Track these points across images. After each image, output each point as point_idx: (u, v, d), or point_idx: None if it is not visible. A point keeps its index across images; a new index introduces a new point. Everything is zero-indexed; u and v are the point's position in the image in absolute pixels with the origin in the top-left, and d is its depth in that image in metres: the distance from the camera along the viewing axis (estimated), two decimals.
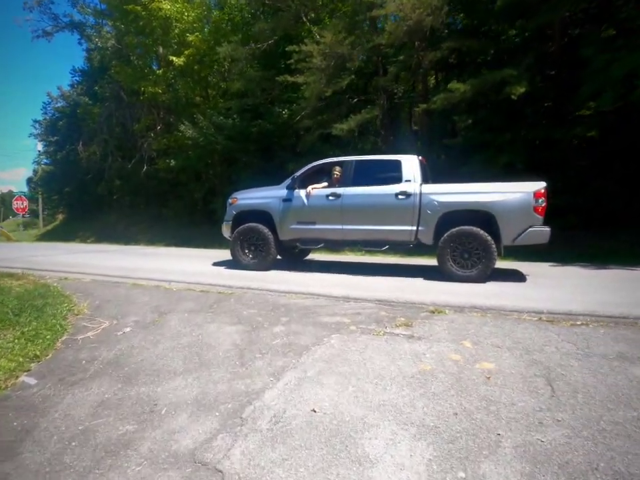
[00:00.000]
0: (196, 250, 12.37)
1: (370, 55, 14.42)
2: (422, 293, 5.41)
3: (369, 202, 6.69)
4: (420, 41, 13.00)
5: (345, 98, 14.97)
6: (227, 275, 6.87)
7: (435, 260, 6.54)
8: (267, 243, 7.23)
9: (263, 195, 7.50)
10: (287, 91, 16.00)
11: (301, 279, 6.60)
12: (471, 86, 10.02)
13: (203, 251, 11.85)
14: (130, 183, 23.48)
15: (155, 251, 12.05)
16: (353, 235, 6.88)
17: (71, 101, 26.15)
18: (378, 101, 13.81)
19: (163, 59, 19.85)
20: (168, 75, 19.44)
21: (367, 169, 7.00)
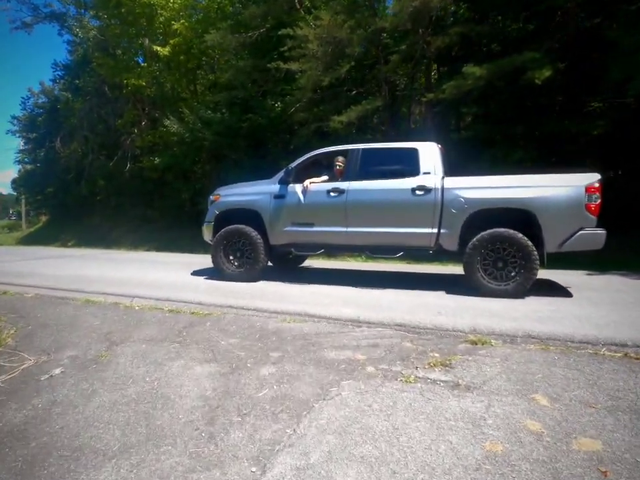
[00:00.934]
0: (179, 255, 11.11)
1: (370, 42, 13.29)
2: (452, 314, 4.23)
3: (379, 199, 5.52)
4: (425, 28, 11.90)
5: (342, 90, 13.83)
6: (205, 288, 5.65)
7: (455, 267, 5.38)
8: (256, 249, 6.02)
9: (250, 190, 6.29)
10: (280, 83, 14.83)
11: (297, 292, 5.40)
12: (487, 71, 8.90)
13: (187, 257, 10.60)
14: (114, 182, 22.14)
15: (132, 256, 10.78)
16: (360, 239, 5.70)
17: (52, 96, 24.76)
18: (379, 92, 12.66)
19: (147, 50, 18.58)
20: (153, 67, 18.18)
21: (376, 159, 5.82)
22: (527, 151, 11.02)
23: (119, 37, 18.33)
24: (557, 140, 11.04)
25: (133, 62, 18.96)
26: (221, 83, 16.72)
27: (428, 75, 13.83)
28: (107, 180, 22.23)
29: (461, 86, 10.02)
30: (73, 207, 26.19)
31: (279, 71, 14.60)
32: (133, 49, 19.08)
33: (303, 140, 14.41)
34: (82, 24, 20.60)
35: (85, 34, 20.03)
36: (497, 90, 11.40)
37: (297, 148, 15.41)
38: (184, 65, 17.00)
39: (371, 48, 13.53)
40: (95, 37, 20.10)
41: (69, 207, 26.48)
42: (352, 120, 11.27)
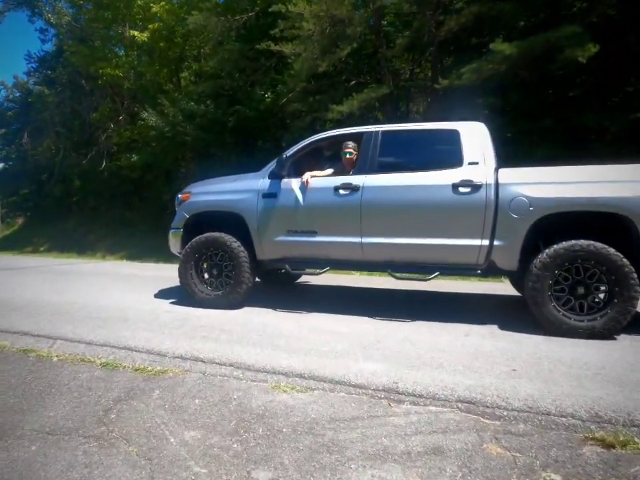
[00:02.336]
0: (153, 267, 9.50)
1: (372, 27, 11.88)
2: (535, 373, 2.75)
3: (407, 199, 4.03)
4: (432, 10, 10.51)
5: (340, 80, 12.40)
6: (167, 321, 4.08)
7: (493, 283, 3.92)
8: (238, 265, 4.49)
9: (232, 187, 4.75)
10: (271, 72, 13.36)
11: (292, 329, 3.87)
12: (517, 49, 7.48)
13: (161, 268, 9.01)
14: (90, 182, 20.42)
15: (96, 268, 9.13)
16: (379, 254, 4.20)
17: (26, 90, 22.97)
18: (381, 82, 11.21)
19: (125, 38, 16.97)
20: (131, 56, 16.57)
21: (402, 145, 4.35)
22: (552, 146, 9.65)
23: (93, 22, 16.68)
24: (589, 133, 9.71)
25: (110, 51, 17.31)
26: (206, 73, 15.20)
27: (435, 62, 12.43)
28: (83, 180, 20.52)
29: (481, 70, 8.62)
30: (49, 209, 24.43)
31: (269, 59, 13.19)
32: (109, 36, 17.43)
33: (296, 135, 12.92)
34: (55, 9, 18.91)
35: (57, 20, 18.33)
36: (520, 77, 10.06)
37: (290, 144, 13.90)
38: (164, 53, 15.40)
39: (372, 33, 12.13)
40: (68, 24, 18.45)
41: (45, 209, 24.70)
42: (354, 110, 9.78)
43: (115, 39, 17.41)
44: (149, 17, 15.53)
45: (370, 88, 10.14)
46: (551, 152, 9.46)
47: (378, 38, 11.94)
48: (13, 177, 24.64)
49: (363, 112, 10.90)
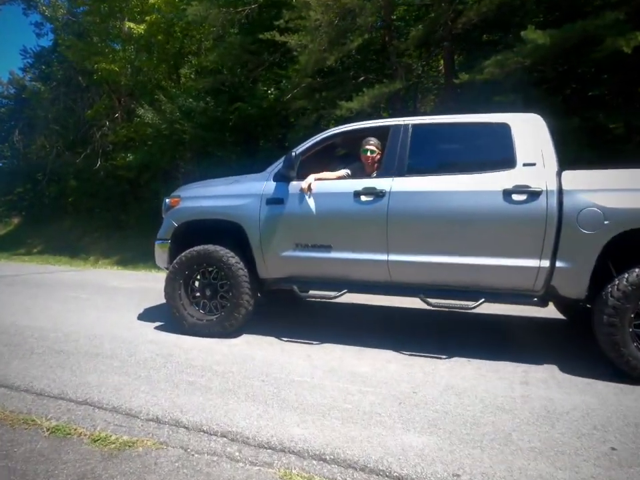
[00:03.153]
0: (142, 275, 8.71)
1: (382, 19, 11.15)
2: None
3: (446, 208, 3.25)
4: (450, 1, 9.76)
5: (349, 75, 11.63)
6: (144, 358, 3.28)
7: None
8: (236, 285, 3.71)
9: (229, 191, 3.97)
10: (274, 67, 12.61)
11: (304, 369, 3.09)
12: (550, 38, 6.71)
13: (152, 278, 8.22)
14: (85, 182, 19.68)
15: (81, 277, 8.30)
16: (409, 274, 3.42)
17: (21, 86, 22.24)
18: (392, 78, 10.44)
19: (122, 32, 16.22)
20: (128, 50, 15.82)
21: (436, 142, 3.58)
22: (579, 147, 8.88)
23: (89, 15, 15.94)
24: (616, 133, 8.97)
25: (106, 45, 16.55)
26: (206, 68, 14.45)
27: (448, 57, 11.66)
28: (78, 179, 19.78)
29: (506, 63, 7.87)
30: (44, 209, 23.71)
31: (273, 54, 12.46)
32: (106, 30, 16.66)
33: (301, 134, 12.18)
34: (51, 2, 18.16)
35: (52, 13, 17.58)
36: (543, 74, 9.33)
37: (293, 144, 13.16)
38: (162, 47, 14.65)
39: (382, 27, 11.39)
40: (64, 18, 17.72)
41: (40, 209, 23.98)
42: (364, 107, 9.01)
43: (112, 34, 16.64)
44: (147, 9, 14.79)
45: (382, 83, 9.36)
46: (578, 153, 8.69)
47: (388, 32, 11.20)
48: (7, 175, 23.91)
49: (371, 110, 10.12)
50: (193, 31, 14.78)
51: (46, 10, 17.78)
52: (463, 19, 9.58)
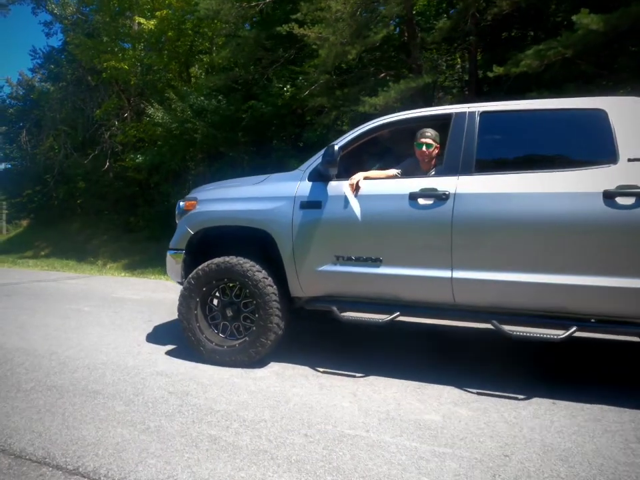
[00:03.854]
0: (152, 284, 8.12)
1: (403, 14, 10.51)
2: None
3: (527, 213, 2.61)
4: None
5: (369, 72, 11.01)
6: (155, 397, 2.67)
7: None
8: (264, 305, 3.09)
9: (255, 193, 3.35)
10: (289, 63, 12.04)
11: (354, 417, 2.47)
12: (604, 22, 6.04)
13: (161, 286, 7.64)
14: (94, 184, 19.28)
15: (82, 286, 7.70)
16: (480, 295, 2.78)
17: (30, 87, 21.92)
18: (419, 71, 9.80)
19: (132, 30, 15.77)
20: (137, 48, 15.36)
21: (511, 133, 2.94)
22: None
23: (99, 13, 15.51)
24: None
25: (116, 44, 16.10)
26: (218, 65, 13.94)
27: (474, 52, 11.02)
28: (87, 181, 19.38)
29: (545, 54, 7.22)
30: (53, 211, 23.38)
31: (288, 49, 11.89)
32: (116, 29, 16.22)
33: (317, 133, 11.64)
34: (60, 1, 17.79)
35: (61, 11, 17.19)
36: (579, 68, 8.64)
37: (309, 145, 12.60)
38: (173, 44, 14.15)
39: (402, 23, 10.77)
40: (73, 16, 17.33)
41: (49, 211, 23.66)
42: (390, 102, 8.38)
43: (122, 32, 16.19)
44: (158, 6, 14.32)
45: (408, 78, 8.73)
46: None
47: (409, 26, 10.56)
48: (16, 177, 23.59)
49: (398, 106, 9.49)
50: (205, 28, 14.28)
51: (55, 8, 17.41)
52: (493, 10, 8.92)
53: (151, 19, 14.26)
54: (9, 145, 21.53)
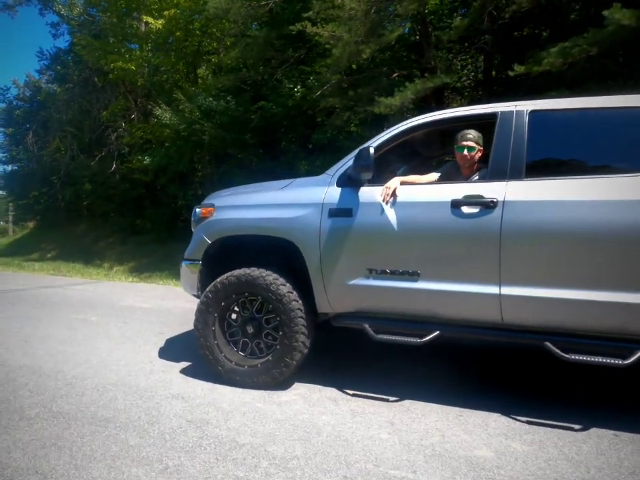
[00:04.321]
0: (164, 289, 7.87)
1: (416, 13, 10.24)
2: None
3: (589, 223, 2.33)
4: None
5: (381, 72, 10.74)
6: (172, 427, 2.42)
7: None
8: (289, 321, 2.83)
9: (278, 199, 3.08)
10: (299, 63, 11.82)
11: (396, 452, 2.20)
12: (636, 17, 5.75)
13: (175, 292, 7.39)
14: (100, 186, 19.11)
15: (89, 294, 7.47)
16: (533, 314, 2.50)
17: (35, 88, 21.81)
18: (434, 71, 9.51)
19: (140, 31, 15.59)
20: (145, 50, 15.17)
21: (567, 134, 2.66)
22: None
23: (106, 13, 15.35)
24: None
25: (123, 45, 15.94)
26: (227, 66, 13.72)
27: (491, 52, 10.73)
28: (93, 183, 19.21)
29: (570, 52, 6.93)
30: (59, 213, 23.28)
31: (298, 49, 11.67)
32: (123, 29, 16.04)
33: (327, 135, 11.41)
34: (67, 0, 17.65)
35: (68, 12, 17.05)
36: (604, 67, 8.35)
37: (318, 146, 12.38)
38: (181, 44, 13.94)
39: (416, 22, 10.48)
40: (80, 17, 17.19)
41: (56, 213, 23.57)
42: (406, 103, 8.11)
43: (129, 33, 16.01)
44: (165, 6, 14.13)
45: (424, 78, 8.46)
46: None
47: (423, 25, 10.29)
48: (23, 178, 23.51)
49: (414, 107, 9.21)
50: (213, 28, 14.07)
51: (62, 9, 17.27)
52: (512, 7, 8.63)
53: (159, 18, 14.08)
54: (16, 146, 21.45)
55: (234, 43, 12.83)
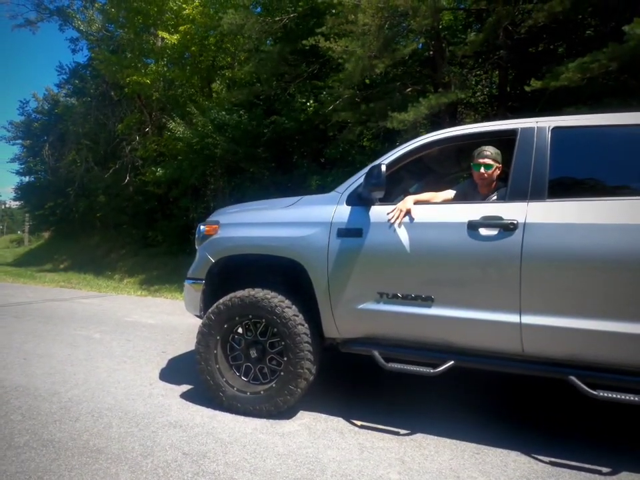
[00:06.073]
0: (171, 303, 7.77)
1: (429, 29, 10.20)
2: None
3: (622, 249, 2.15)
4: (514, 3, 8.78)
5: (394, 86, 10.67)
6: (167, 461, 2.27)
7: None
8: (294, 346, 2.68)
9: (285, 217, 2.96)
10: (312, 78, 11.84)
11: None
12: None
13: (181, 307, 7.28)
14: (114, 198, 19.31)
15: (95, 307, 7.39)
16: (556, 346, 2.31)
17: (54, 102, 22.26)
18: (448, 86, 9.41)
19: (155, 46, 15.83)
20: (160, 65, 15.37)
21: (592, 152, 2.49)
22: None
23: (123, 28, 15.64)
24: None
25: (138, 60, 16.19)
26: (240, 80, 13.82)
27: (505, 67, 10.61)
28: (107, 195, 19.42)
29: (588, 67, 6.78)
30: (74, 224, 23.58)
31: (311, 64, 11.69)
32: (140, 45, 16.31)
33: (340, 150, 11.35)
34: (87, 17, 18.05)
35: (86, 27, 17.42)
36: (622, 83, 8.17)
37: (330, 161, 12.32)
38: (196, 59, 14.11)
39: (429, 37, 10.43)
40: (98, 30, 17.55)
41: (70, 224, 23.88)
42: (420, 118, 8.00)
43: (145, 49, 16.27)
44: (181, 22, 14.35)
45: (439, 93, 8.36)
46: None
47: (437, 40, 10.22)
48: (39, 189, 23.92)
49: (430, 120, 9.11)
50: (227, 43, 14.23)
51: (81, 25, 17.65)
52: (528, 22, 8.52)
53: (174, 34, 14.29)
54: (33, 158, 21.81)
55: (248, 58, 12.96)
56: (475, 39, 8.91)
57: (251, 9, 12.99)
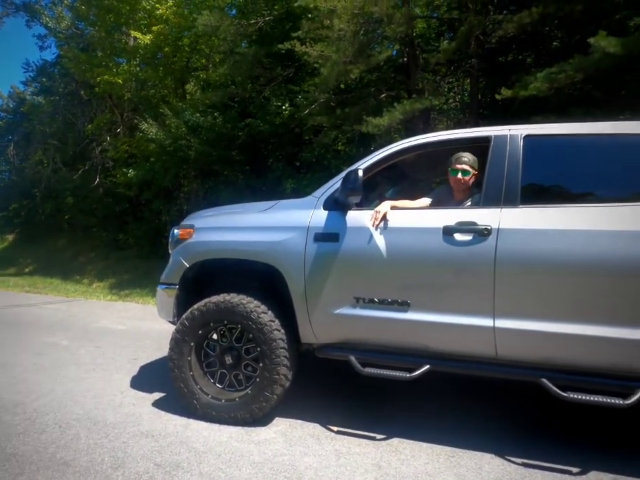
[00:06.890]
0: (142, 308, 7.59)
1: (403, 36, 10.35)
2: None
3: (591, 254, 2.22)
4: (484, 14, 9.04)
5: (369, 92, 10.79)
6: (138, 472, 2.21)
7: None
8: (270, 352, 2.65)
9: (261, 222, 2.92)
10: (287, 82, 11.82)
11: None
12: (622, 46, 5.82)
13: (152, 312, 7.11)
14: (82, 200, 18.75)
15: (62, 312, 7.18)
16: (528, 349, 2.36)
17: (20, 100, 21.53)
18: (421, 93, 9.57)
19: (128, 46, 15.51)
20: (132, 64, 15.06)
21: (563, 160, 2.57)
22: None
23: (94, 26, 15.25)
24: None
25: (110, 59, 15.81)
26: (215, 82, 13.67)
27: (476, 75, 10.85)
28: (75, 196, 18.84)
29: (555, 78, 7.01)
30: (39, 226, 22.76)
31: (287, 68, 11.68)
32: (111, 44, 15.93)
33: (315, 154, 11.35)
34: (55, 14, 17.53)
35: (56, 25, 16.92)
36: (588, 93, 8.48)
37: (306, 164, 12.31)
38: (169, 59, 13.88)
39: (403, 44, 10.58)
40: (67, 27, 17.06)
41: (35, 226, 23.04)
42: (394, 123, 8.10)
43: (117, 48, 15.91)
44: (154, 22, 14.11)
45: (413, 99, 8.49)
46: None
47: (411, 47, 10.39)
48: (3, 190, 23.03)
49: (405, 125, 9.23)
50: (202, 45, 14.07)
51: (50, 22, 17.13)
52: (499, 33, 8.76)
53: (147, 34, 14.03)
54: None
55: (222, 60, 12.84)
56: (448, 47, 9.10)
57: (226, 10, 12.92)
